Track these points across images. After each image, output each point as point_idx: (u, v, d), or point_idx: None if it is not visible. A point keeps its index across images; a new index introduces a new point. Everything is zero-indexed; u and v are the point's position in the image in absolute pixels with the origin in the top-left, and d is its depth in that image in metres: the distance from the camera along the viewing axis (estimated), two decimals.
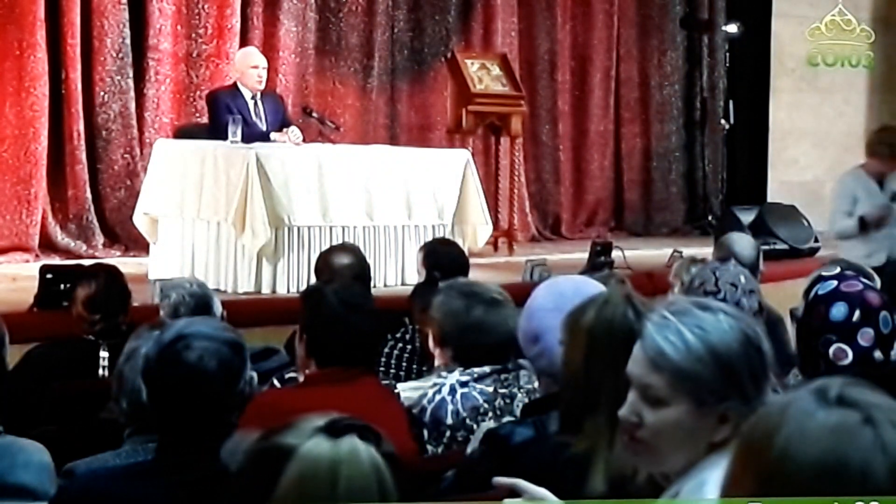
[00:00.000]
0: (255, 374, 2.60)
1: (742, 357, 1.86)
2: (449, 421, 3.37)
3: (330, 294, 3.43)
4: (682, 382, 1.84)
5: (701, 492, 1.79)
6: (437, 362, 3.64)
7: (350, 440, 1.57)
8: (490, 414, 3.38)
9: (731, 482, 1.37)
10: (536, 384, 3.38)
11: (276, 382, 3.60)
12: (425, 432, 3.38)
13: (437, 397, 3.38)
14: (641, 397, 1.88)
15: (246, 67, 8.00)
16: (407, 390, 3.61)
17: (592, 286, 2.83)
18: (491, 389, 3.41)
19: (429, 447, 3.39)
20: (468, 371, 3.42)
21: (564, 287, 2.90)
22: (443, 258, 5.33)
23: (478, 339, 3.47)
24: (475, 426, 3.30)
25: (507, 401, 3.41)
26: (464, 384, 3.39)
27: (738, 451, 1.38)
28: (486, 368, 3.42)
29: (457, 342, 3.48)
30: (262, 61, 8.12)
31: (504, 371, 3.44)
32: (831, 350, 2.96)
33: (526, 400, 3.38)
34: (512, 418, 3.32)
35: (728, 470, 1.39)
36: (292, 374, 3.60)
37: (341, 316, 3.33)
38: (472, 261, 5.82)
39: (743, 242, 5.38)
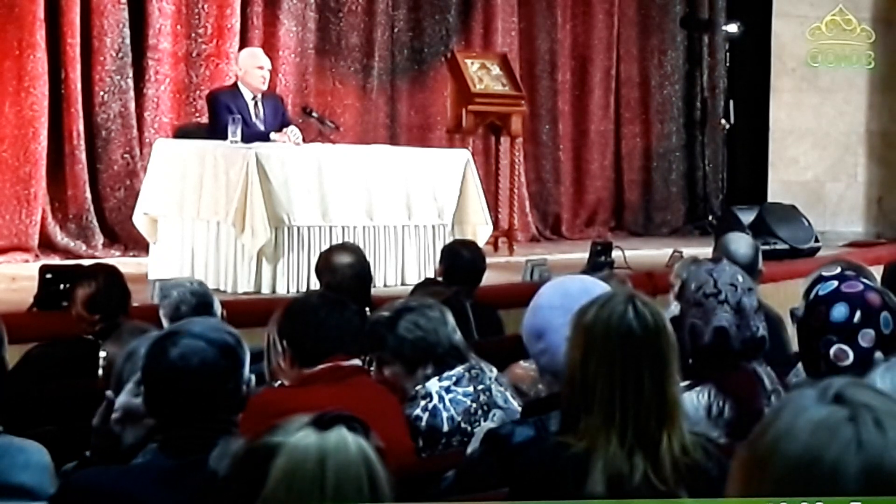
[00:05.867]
0: (253, 376, 2.60)
1: None
2: (445, 428, 3.37)
3: (309, 296, 3.49)
4: None
5: None
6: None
7: (338, 431, 1.57)
8: (480, 412, 3.39)
9: (732, 474, 1.36)
10: (497, 372, 3.50)
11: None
12: (420, 441, 3.37)
13: (431, 405, 3.39)
14: None
15: (251, 67, 7.97)
16: None
17: (600, 286, 2.81)
18: (471, 389, 3.43)
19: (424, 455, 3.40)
20: (445, 377, 3.44)
21: (571, 286, 2.89)
22: (459, 260, 5.31)
23: (453, 346, 3.52)
24: (469, 428, 3.31)
25: (487, 394, 3.44)
26: (448, 390, 3.41)
27: (743, 445, 1.37)
28: (460, 369, 3.45)
29: (437, 357, 3.50)
30: (267, 62, 8.11)
31: (471, 368, 3.48)
32: (832, 351, 2.95)
33: (500, 388, 3.44)
34: (498, 408, 3.38)
35: (734, 461, 1.38)
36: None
37: (316, 308, 3.36)
38: None
39: (742, 242, 5.37)
